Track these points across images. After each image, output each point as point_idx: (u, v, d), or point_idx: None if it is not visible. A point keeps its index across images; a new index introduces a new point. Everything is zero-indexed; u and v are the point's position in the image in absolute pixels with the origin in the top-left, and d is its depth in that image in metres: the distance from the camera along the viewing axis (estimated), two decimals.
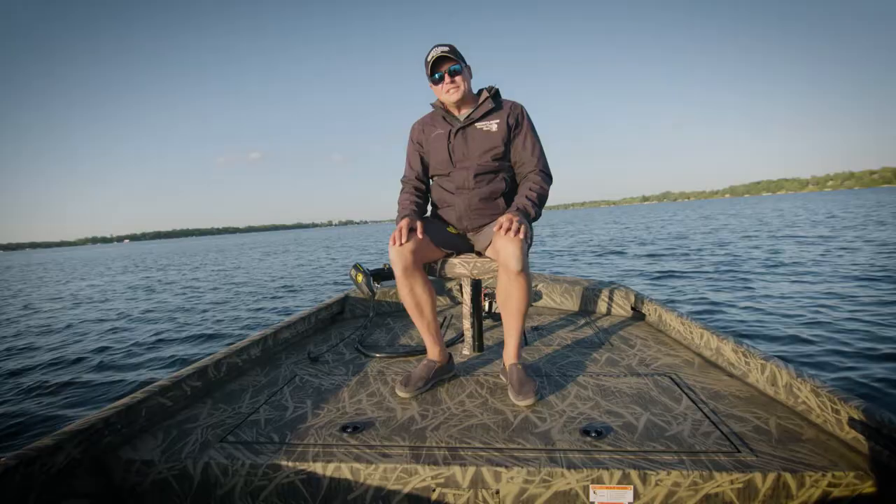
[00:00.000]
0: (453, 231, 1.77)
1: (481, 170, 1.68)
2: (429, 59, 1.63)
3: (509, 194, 1.73)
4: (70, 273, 19.59)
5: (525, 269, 1.44)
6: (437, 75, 1.65)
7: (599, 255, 10.78)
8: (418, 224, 1.55)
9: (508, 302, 1.51)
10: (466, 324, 1.89)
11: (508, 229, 1.40)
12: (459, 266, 1.71)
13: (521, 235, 1.41)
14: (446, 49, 1.61)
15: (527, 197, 1.59)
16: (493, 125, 1.67)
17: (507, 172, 1.72)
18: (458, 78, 1.63)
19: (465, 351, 1.93)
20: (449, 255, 1.74)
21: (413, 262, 1.52)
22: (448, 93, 1.65)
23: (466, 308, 1.86)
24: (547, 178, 1.69)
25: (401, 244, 1.50)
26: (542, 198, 1.63)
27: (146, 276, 14.16)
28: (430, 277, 1.69)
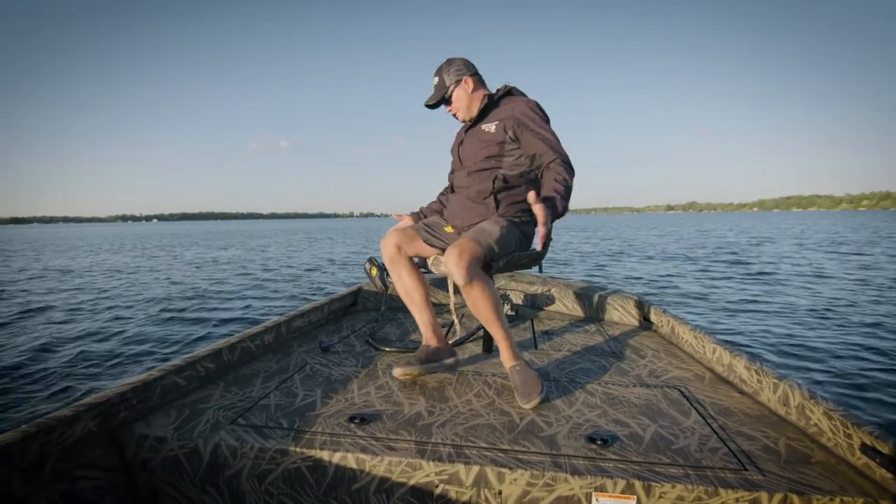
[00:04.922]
0: (449, 230, 1.77)
1: (474, 169, 1.68)
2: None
3: (499, 194, 1.64)
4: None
5: (474, 280, 1.38)
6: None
7: None
8: (408, 219, 1.83)
9: (475, 312, 1.48)
10: (475, 324, 1.89)
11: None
12: (444, 264, 1.72)
13: (469, 244, 1.39)
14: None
15: (555, 190, 1.41)
16: (492, 126, 1.64)
17: (500, 173, 1.64)
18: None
19: (475, 350, 1.93)
20: (442, 253, 1.76)
21: (396, 254, 1.71)
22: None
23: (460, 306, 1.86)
24: (569, 168, 1.55)
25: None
26: (568, 190, 1.46)
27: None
28: (433, 274, 1.79)
